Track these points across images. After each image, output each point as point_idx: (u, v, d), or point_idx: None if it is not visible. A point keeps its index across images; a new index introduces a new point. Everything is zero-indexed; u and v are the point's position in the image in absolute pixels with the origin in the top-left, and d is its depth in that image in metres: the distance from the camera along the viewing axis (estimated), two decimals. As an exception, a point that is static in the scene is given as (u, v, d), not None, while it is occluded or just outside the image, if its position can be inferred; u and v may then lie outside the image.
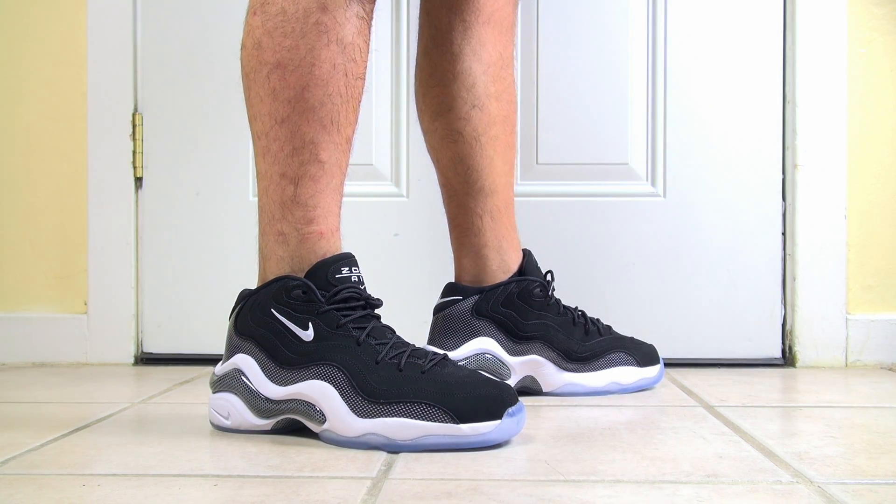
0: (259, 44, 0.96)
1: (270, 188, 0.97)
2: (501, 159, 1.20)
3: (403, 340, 0.95)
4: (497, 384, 0.92)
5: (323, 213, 0.96)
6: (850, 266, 1.50)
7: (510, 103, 1.22)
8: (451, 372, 0.92)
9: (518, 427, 0.90)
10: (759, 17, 1.52)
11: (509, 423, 0.89)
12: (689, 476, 0.79)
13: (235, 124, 1.54)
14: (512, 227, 1.22)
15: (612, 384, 1.21)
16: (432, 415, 0.88)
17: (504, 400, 0.89)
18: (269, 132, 0.96)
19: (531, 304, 1.19)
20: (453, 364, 0.94)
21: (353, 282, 0.95)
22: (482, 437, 0.88)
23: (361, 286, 0.96)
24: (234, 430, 0.97)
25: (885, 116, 1.51)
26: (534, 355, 1.19)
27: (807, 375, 1.41)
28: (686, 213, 1.52)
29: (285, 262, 0.96)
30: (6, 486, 0.77)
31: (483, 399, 0.89)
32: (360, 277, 0.97)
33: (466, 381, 0.91)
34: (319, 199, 0.96)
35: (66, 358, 1.54)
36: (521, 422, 0.91)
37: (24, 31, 1.55)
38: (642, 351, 1.24)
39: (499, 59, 1.19)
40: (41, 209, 1.55)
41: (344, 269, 0.95)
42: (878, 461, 0.84)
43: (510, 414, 0.89)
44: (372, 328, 0.93)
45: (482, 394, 0.89)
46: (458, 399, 0.88)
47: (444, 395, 0.88)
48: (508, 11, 1.20)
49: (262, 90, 0.96)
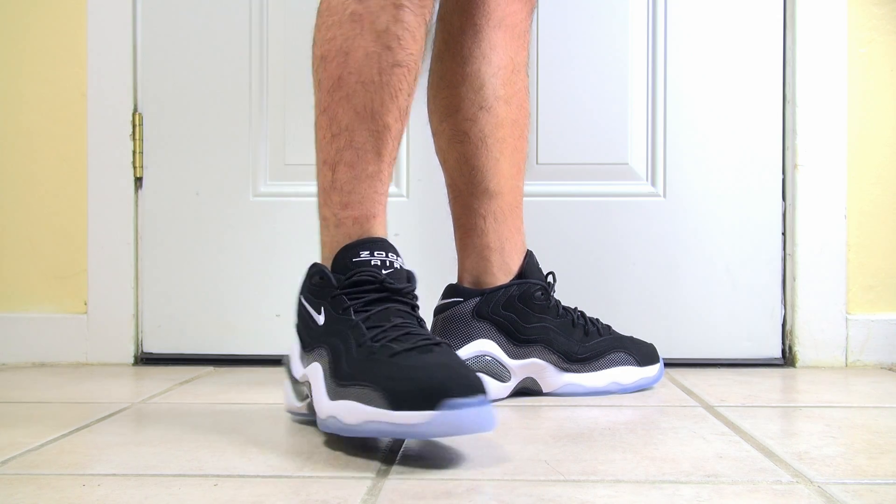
0: (314, 40, 1.01)
1: (318, 176, 1.01)
2: (508, 162, 1.21)
3: (410, 326, 0.90)
4: (457, 372, 0.82)
5: (358, 198, 0.98)
6: (850, 266, 1.50)
7: (520, 108, 1.22)
8: (424, 357, 0.84)
9: (468, 423, 0.79)
10: (759, 17, 1.52)
11: (450, 416, 0.78)
12: (689, 476, 0.79)
13: (235, 124, 1.54)
14: (517, 229, 1.22)
15: (613, 384, 1.21)
16: (374, 399, 0.82)
17: (447, 389, 0.79)
18: (316, 122, 1.01)
19: (532, 307, 1.19)
20: (446, 352, 0.87)
21: (371, 265, 0.94)
22: (411, 429, 0.79)
23: (386, 270, 0.94)
24: (289, 412, 1.02)
25: (885, 116, 1.51)
26: (534, 358, 1.19)
27: (807, 375, 1.41)
28: (686, 213, 1.52)
29: (326, 246, 1.00)
30: (6, 486, 0.77)
31: (422, 384, 0.80)
32: (389, 261, 0.95)
33: (425, 366, 0.83)
34: (355, 185, 0.98)
35: (66, 358, 1.54)
36: (478, 420, 0.80)
37: (24, 31, 1.55)
38: (642, 350, 1.25)
39: (509, 63, 1.20)
40: (41, 209, 1.55)
41: (364, 252, 0.94)
42: (878, 461, 0.84)
43: (453, 406, 0.78)
44: (376, 312, 0.91)
45: (423, 378, 0.80)
46: (398, 383, 0.81)
47: (389, 379, 0.82)
48: (521, 17, 1.21)
49: (314, 82, 1.01)
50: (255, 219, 1.54)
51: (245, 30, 1.54)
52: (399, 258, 0.97)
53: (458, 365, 0.84)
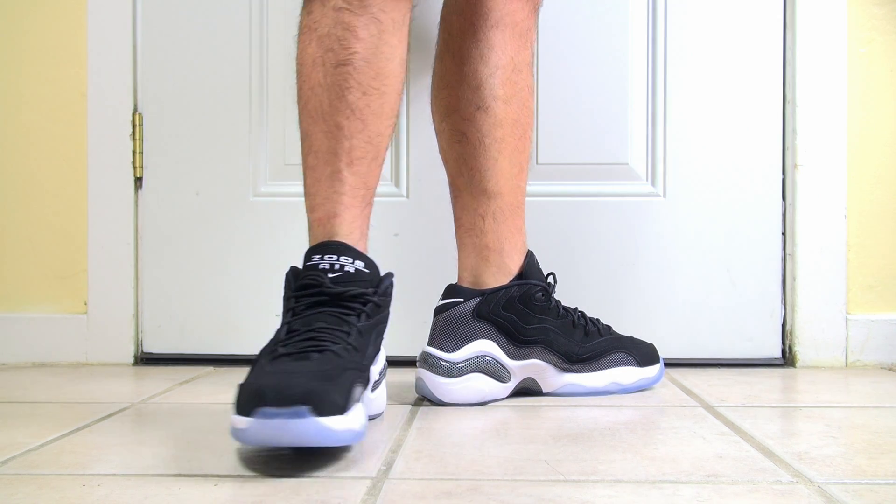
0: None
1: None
2: (508, 162, 1.20)
3: (322, 332, 0.90)
4: (284, 381, 0.80)
5: (321, 200, 1.02)
6: (850, 266, 1.50)
7: (522, 107, 1.21)
8: (285, 364, 0.84)
9: (280, 434, 0.77)
10: (759, 17, 1.52)
11: (262, 425, 0.77)
12: (689, 476, 0.79)
13: (235, 124, 1.54)
14: (517, 229, 1.22)
15: (613, 384, 1.22)
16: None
17: (261, 397, 0.78)
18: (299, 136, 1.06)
19: (532, 308, 1.18)
20: (320, 360, 0.86)
21: (318, 270, 0.95)
22: (239, 434, 0.80)
23: (333, 273, 0.95)
24: None
25: (885, 116, 1.51)
26: (534, 359, 1.19)
27: (807, 375, 1.41)
28: (686, 213, 1.52)
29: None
30: (6, 486, 0.77)
31: (248, 391, 0.80)
32: (339, 265, 0.95)
33: (269, 372, 0.83)
34: (318, 188, 1.02)
35: (66, 358, 1.54)
36: (295, 431, 0.77)
37: (24, 31, 1.55)
38: (642, 351, 1.25)
39: (509, 63, 1.19)
40: (41, 209, 1.55)
41: (316, 256, 0.97)
42: (878, 461, 0.84)
43: (264, 414, 0.77)
44: (304, 317, 0.92)
45: (252, 385, 0.81)
46: (241, 389, 0.82)
47: (241, 385, 0.83)
48: (523, 16, 1.20)
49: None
50: (255, 219, 1.54)
51: (245, 30, 1.54)
52: (356, 261, 0.96)
53: (302, 374, 0.82)
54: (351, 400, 0.84)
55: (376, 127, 1.02)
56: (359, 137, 1.01)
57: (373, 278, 0.98)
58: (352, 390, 0.85)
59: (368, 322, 0.96)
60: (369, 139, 1.02)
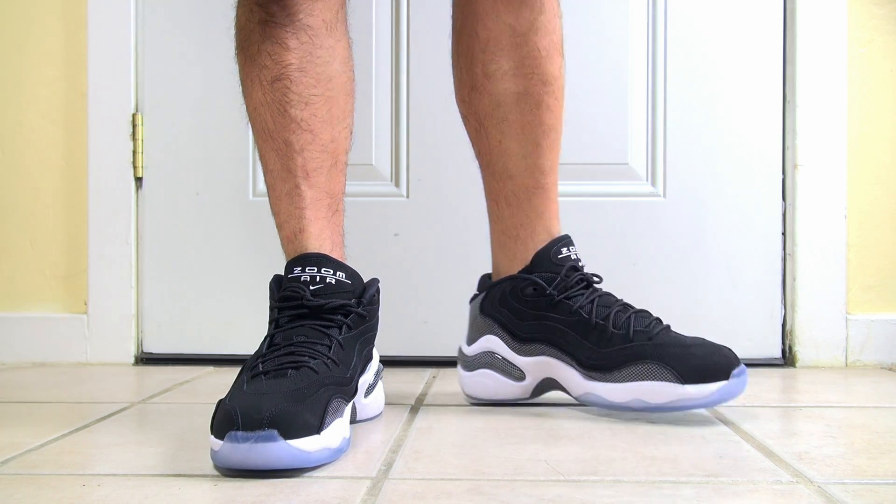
0: None
1: None
2: (516, 142, 1.09)
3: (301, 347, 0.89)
4: (252, 403, 0.80)
5: (284, 217, 1.01)
6: (850, 266, 1.50)
7: (531, 76, 1.07)
8: (261, 384, 0.84)
9: (247, 457, 0.77)
10: (759, 17, 1.52)
11: (232, 448, 0.77)
12: (689, 476, 0.79)
13: (235, 125, 1.54)
14: (536, 214, 1.11)
15: (636, 401, 1.01)
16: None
17: (231, 420, 0.78)
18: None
19: (524, 304, 1.08)
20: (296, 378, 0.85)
21: (300, 282, 0.94)
22: (214, 456, 0.80)
23: (315, 286, 0.94)
24: None
25: (885, 116, 1.51)
26: (544, 357, 1.08)
27: (807, 375, 1.41)
28: (686, 213, 1.52)
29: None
30: (6, 486, 0.77)
31: (222, 413, 0.80)
32: (320, 276, 0.95)
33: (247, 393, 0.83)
34: (280, 206, 1.01)
35: (66, 358, 1.54)
36: (264, 454, 0.77)
37: (24, 31, 1.55)
38: (689, 364, 0.99)
39: (504, 31, 1.06)
40: (41, 209, 1.55)
41: (297, 269, 0.96)
42: (878, 461, 0.84)
43: (232, 438, 0.77)
44: (285, 331, 0.91)
45: (227, 407, 0.81)
46: (218, 410, 0.83)
47: (219, 405, 0.84)
48: None
49: None
50: (255, 219, 1.53)
51: (245, 30, 1.54)
52: (337, 272, 0.95)
53: (274, 395, 0.81)
54: (326, 417, 0.82)
55: (328, 134, 0.99)
56: (310, 149, 0.98)
57: (355, 288, 0.96)
58: (327, 407, 0.83)
59: (351, 334, 0.94)
60: (323, 148, 0.99)
